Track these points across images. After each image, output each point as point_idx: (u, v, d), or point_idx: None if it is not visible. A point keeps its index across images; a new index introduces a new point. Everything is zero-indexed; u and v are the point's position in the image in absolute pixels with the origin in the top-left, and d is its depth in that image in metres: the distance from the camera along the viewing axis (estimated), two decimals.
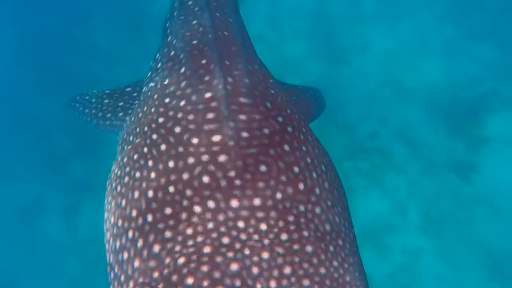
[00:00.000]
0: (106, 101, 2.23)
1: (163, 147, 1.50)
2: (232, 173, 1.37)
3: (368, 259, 3.97)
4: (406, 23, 5.18)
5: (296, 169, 1.46)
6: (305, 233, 1.34)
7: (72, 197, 4.78)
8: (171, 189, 1.39)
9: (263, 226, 1.32)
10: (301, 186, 1.43)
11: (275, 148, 1.47)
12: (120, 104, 2.14)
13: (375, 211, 4.13)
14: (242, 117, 1.49)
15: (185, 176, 1.40)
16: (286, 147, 1.50)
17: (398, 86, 4.94)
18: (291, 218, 1.35)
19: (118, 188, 1.57)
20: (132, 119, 1.82)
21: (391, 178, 4.32)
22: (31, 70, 5.49)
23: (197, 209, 1.34)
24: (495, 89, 4.57)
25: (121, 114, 2.08)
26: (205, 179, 1.38)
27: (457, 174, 4.17)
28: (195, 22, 1.91)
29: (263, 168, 1.40)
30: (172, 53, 1.87)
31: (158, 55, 2.03)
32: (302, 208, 1.39)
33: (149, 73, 2.01)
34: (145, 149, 1.55)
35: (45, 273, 4.38)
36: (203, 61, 1.68)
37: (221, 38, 1.78)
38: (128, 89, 2.27)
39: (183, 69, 1.72)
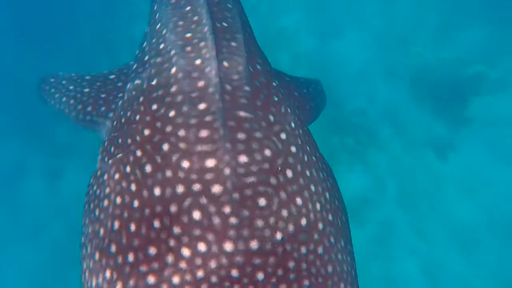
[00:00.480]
0: (86, 90, 1.91)
1: (148, 168, 1.29)
2: (227, 209, 1.19)
3: None
4: (399, 3, 5.11)
5: (298, 201, 1.29)
6: (306, 282, 1.20)
7: (54, 160, 4.73)
8: (156, 224, 1.20)
9: (260, 275, 1.16)
10: (303, 221, 1.28)
11: (276, 175, 1.28)
12: (103, 95, 1.83)
13: (357, 185, 4.28)
14: (241, 136, 1.28)
15: (173, 208, 1.21)
16: (289, 173, 1.31)
17: (388, 64, 4.96)
18: (291, 264, 1.20)
19: (96, 212, 1.37)
20: (114, 123, 1.57)
21: (374, 154, 4.44)
22: (12, 32, 5.20)
23: (186, 252, 1.16)
24: (482, 72, 4.65)
25: (103, 108, 1.77)
26: (196, 214, 1.19)
27: (436, 152, 4.33)
28: (188, 8, 1.64)
29: (262, 202, 1.22)
30: (162, 45, 1.60)
31: (145, 43, 1.73)
32: (303, 250, 1.24)
33: (135, 65, 1.70)
34: (128, 168, 1.34)
35: (29, 236, 4.41)
36: (197, 62, 1.44)
37: (219, 31, 1.53)
38: (112, 76, 1.92)
39: (173, 70, 1.47)
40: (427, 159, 4.28)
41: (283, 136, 1.39)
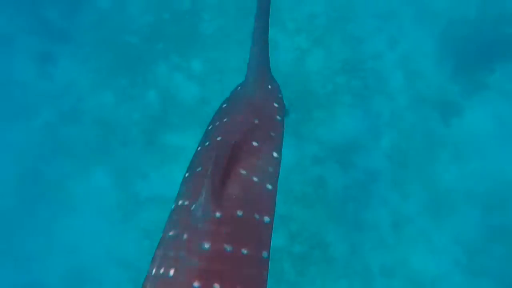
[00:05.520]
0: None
1: None
2: None
3: (331, 170, 4.16)
4: None
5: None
6: None
7: (47, 43, 4.46)
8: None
9: None
10: None
11: None
12: None
13: (352, 129, 4.23)
14: None
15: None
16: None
17: (421, 6, 4.47)
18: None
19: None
20: None
21: (378, 102, 4.29)
22: None
23: None
24: None
25: None
26: None
27: (441, 115, 4.20)
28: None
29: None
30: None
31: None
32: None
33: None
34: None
35: (19, 117, 4.40)
36: None
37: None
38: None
39: None
40: (430, 119, 4.17)
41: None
